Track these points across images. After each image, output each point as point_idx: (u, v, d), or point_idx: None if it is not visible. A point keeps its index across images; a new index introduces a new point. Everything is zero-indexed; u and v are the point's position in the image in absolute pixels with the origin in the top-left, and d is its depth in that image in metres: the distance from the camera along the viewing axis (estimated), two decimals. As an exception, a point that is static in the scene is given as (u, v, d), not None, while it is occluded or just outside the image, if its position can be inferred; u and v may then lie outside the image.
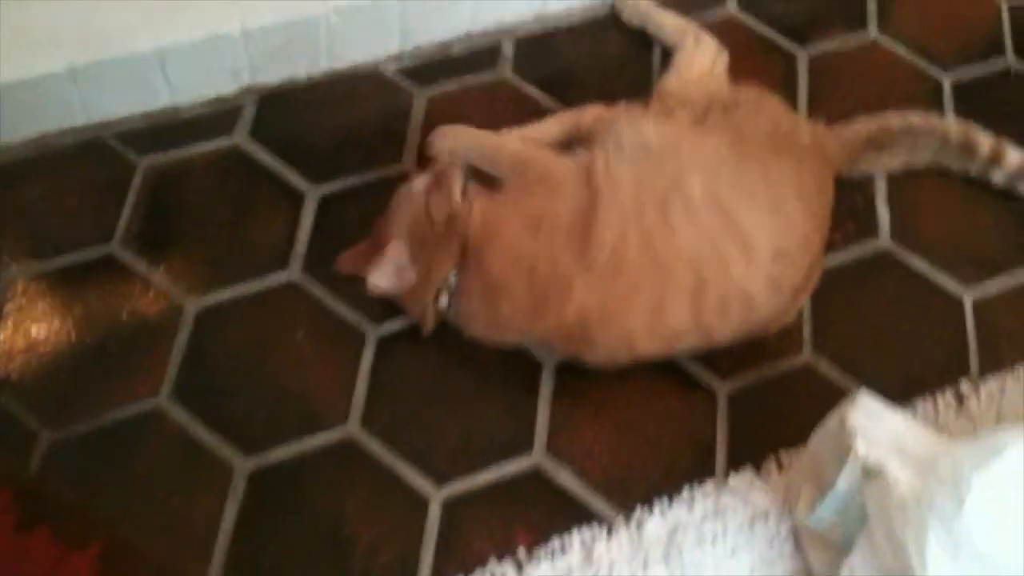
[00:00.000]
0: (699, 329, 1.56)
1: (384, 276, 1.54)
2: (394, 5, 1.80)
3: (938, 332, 1.77)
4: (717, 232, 1.52)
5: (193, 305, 1.64)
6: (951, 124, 1.87)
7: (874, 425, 1.29)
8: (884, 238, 1.85)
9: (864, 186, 1.89)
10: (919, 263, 1.83)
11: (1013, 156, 1.87)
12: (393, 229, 1.56)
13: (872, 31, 2.09)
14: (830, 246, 1.76)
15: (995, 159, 1.86)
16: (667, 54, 1.95)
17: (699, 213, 1.52)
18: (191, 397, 1.57)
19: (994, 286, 1.83)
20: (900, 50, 2.07)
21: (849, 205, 1.86)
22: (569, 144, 1.74)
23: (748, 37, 2.05)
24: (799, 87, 2.00)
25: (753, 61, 2.01)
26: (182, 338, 1.61)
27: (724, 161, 1.57)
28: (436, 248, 1.54)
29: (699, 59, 1.87)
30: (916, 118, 1.86)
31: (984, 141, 1.86)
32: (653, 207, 1.52)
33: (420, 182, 1.60)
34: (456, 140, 1.74)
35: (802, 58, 2.04)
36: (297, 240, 1.72)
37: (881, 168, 1.89)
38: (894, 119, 1.86)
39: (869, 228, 1.85)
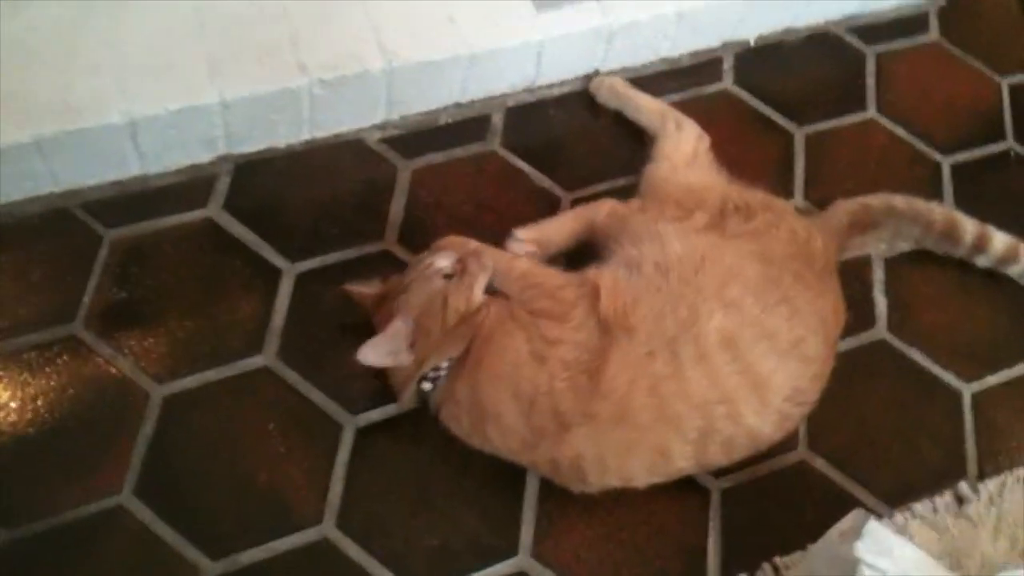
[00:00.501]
0: (699, 466, 1.51)
1: (378, 354, 1.45)
2: (380, 76, 1.72)
3: (936, 428, 1.71)
4: (731, 378, 1.44)
5: (160, 392, 1.55)
6: (935, 210, 1.82)
7: (882, 558, 1.21)
8: (881, 329, 1.79)
9: (862, 274, 1.83)
10: (917, 356, 1.78)
11: (998, 242, 1.82)
12: (402, 305, 1.48)
13: (871, 110, 2.04)
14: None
15: (980, 246, 1.82)
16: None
17: (714, 358, 1.44)
18: (155, 494, 1.47)
19: (993, 380, 1.78)
20: (899, 131, 2.03)
21: (847, 294, 1.79)
22: (584, 241, 1.69)
23: (744, 113, 2.00)
24: (796, 166, 1.94)
25: (749, 138, 1.96)
26: (147, 428, 1.52)
27: (748, 289, 1.50)
28: (440, 340, 1.47)
29: (683, 145, 1.81)
30: (899, 201, 1.81)
31: (969, 228, 1.81)
32: (666, 351, 1.45)
33: (444, 260, 1.52)
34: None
35: (799, 137, 1.98)
36: (272, 321, 1.63)
37: (866, 250, 1.84)
38: (875, 201, 1.81)
39: (866, 318, 1.80)
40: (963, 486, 1.65)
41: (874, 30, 2.15)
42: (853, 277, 1.82)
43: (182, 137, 1.66)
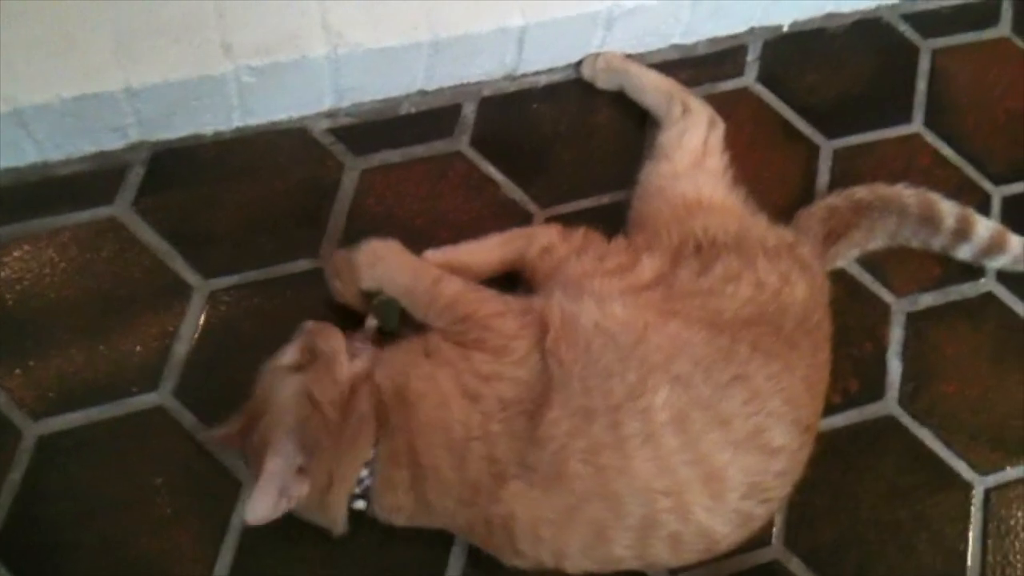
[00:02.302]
0: (642, 561, 1.27)
1: (268, 503, 1.18)
2: (322, 63, 1.44)
3: (940, 527, 1.48)
4: (679, 464, 1.20)
5: (34, 431, 1.35)
6: (904, 193, 1.55)
7: None
8: (891, 401, 1.54)
9: (876, 332, 1.57)
10: (928, 437, 1.52)
11: (982, 227, 1.56)
12: (267, 430, 1.22)
13: (917, 123, 1.73)
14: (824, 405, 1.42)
15: (962, 231, 1.56)
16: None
17: (660, 438, 1.20)
18: (17, 556, 1.29)
19: (1014, 473, 1.53)
20: (947, 150, 1.72)
21: (855, 356, 1.54)
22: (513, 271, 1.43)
23: (764, 118, 1.70)
24: (817, 186, 1.65)
25: (766, 149, 1.67)
26: (15, 474, 1.33)
27: (697, 364, 1.24)
28: (337, 444, 1.23)
29: (689, 138, 1.52)
30: (863, 192, 1.55)
31: (948, 210, 1.55)
32: (605, 418, 1.21)
33: (285, 356, 1.28)
34: (383, 268, 1.38)
35: (826, 151, 1.68)
36: (174, 351, 1.41)
37: (838, 263, 1.57)
38: (838, 201, 1.55)
39: (875, 387, 1.54)
40: (960, 604, 1.42)
41: (934, 19, 1.82)
42: (865, 335, 1.56)
43: (84, 125, 1.41)
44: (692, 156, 1.51)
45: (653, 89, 1.61)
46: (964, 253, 1.59)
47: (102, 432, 1.36)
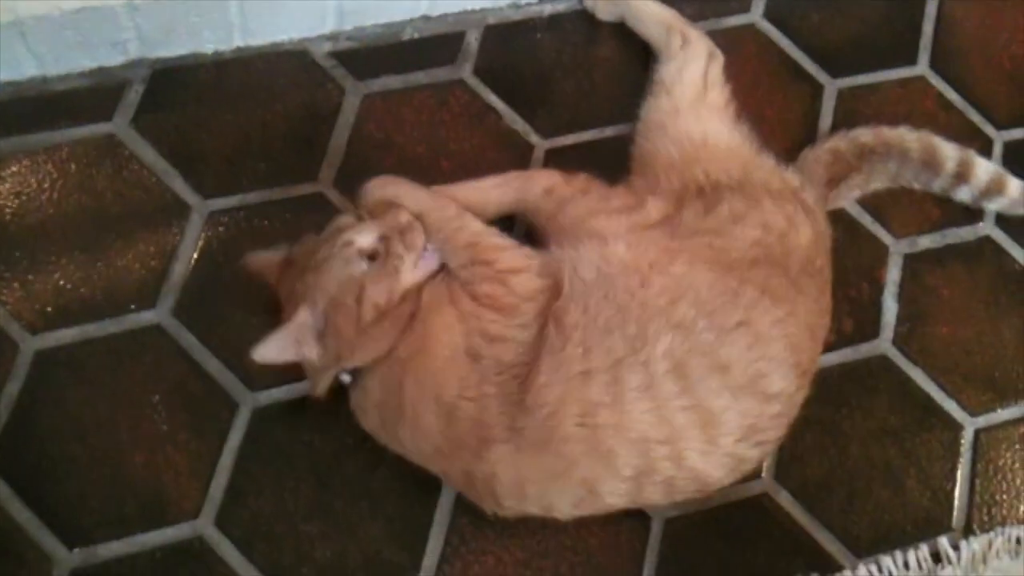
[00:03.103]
0: (634, 503, 1.28)
1: (279, 349, 1.22)
2: (326, -18, 1.42)
3: (928, 466, 1.50)
4: (676, 411, 1.20)
5: (32, 345, 1.35)
6: (906, 137, 1.56)
7: None
8: (885, 341, 1.54)
9: (873, 273, 1.57)
10: (921, 377, 1.53)
11: (982, 170, 1.57)
12: (309, 289, 1.23)
13: (922, 65, 1.72)
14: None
15: (962, 174, 1.57)
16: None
17: (659, 388, 1.20)
18: (13, 467, 1.30)
19: (1004, 414, 1.55)
20: (951, 94, 1.71)
21: (851, 297, 1.54)
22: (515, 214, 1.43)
23: (770, 55, 1.68)
24: (820, 126, 1.64)
25: (771, 87, 1.66)
26: (12, 387, 1.33)
27: (700, 308, 1.23)
28: (354, 340, 1.24)
29: (688, 71, 1.50)
30: (867, 136, 1.55)
31: (950, 153, 1.56)
32: (607, 375, 1.20)
33: (366, 237, 1.26)
34: (401, 198, 1.35)
35: (830, 90, 1.67)
36: (172, 270, 1.40)
37: (839, 203, 1.57)
38: (842, 144, 1.55)
39: (870, 327, 1.54)
40: (944, 542, 1.45)
41: (944, -38, 1.80)
42: (862, 276, 1.56)
43: (83, 39, 1.40)
44: (693, 90, 1.49)
45: (653, 20, 1.59)
46: (963, 195, 1.59)
47: (99, 348, 1.35)
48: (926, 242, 1.60)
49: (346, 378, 1.29)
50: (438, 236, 1.31)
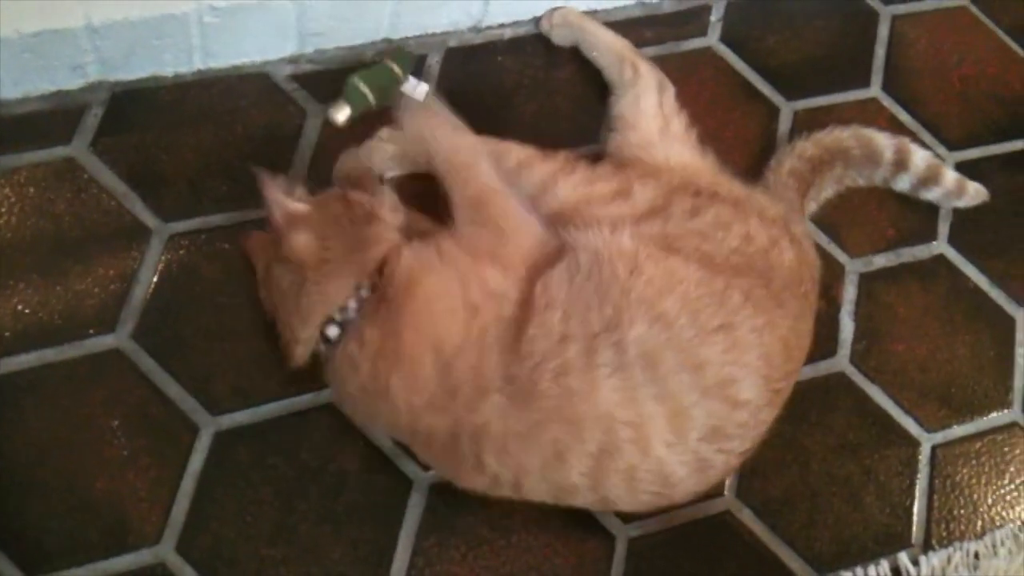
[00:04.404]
0: (596, 493, 1.28)
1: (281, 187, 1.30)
2: (288, 6, 1.43)
3: (887, 482, 1.52)
4: (646, 398, 1.22)
5: (-14, 371, 1.33)
6: (843, 136, 1.61)
7: None
8: (842, 359, 1.57)
9: (830, 291, 1.59)
10: (878, 394, 1.56)
11: (918, 158, 1.62)
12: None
13: (875, 88, 1.75)
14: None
15: (900, 162, 1.62)
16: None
17: (628, 371, 1.22)
18: (-31, 495, 1.27)
19: (960, 431, 1.57)
20: (903, 115, 1.75)
21: (809, 314, 1.56)
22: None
23: (727, 78, 1.71)
24: (777, 146, 1.66)
25: (728, 109, 1.68)
26: (-32, 414, 1.30)
27: (685, 305, 1.25)
28: (347, 241, 1.28)
29: (643, 103, 1.53)
30: (808, 148, 1.60)
31: (885, 143, 1.61)
32: (580, 344, 1.22)
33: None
34: (421, 126, 1.40)
35: (786, 112, 1.70)
36: (133, 293, 1.39)
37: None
38: (793, 162, 1.58)
39: (828, 345, 1.56)
40: (903, 557, 1.47)
41: (896, -15, 1.84)
42: (820, 294, 1.56)
43: (43, 62, 1.39)
44: (656, 123, 1.51)
45: (606, 48, 1.61)
46: (903, 184, 1.64)
47: (58, 373, 1.34)
48: (881, 260, 1.63)
49: (333, 332, 1.28)
50: (449, 177, 1.35)
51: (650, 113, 1.52)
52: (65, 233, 1.40)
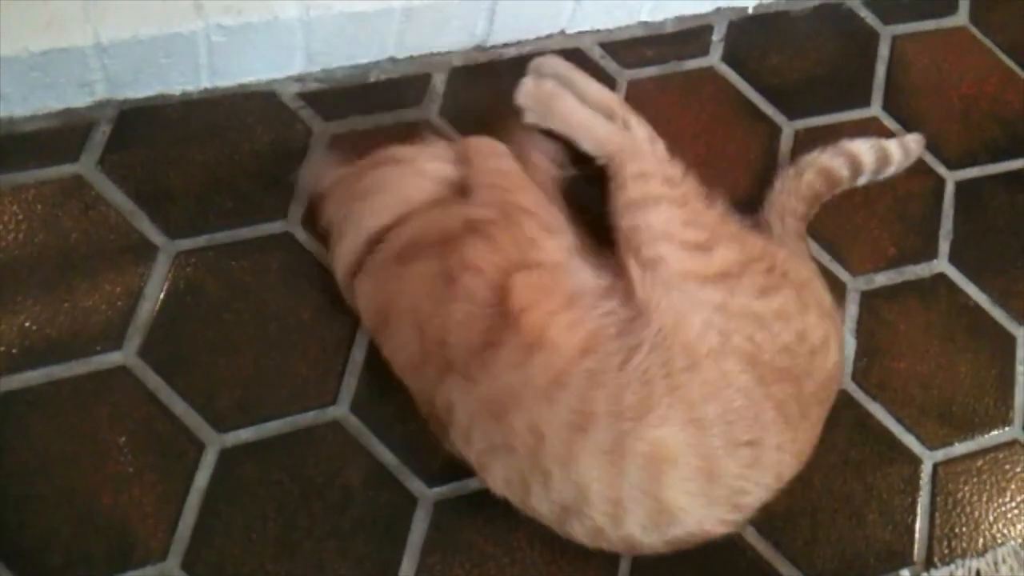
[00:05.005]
0: (560, 528, 1.26)
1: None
2: (295, 25, 1.44)
3: (889, 500, 1.52)
4: (633, 489, 1.19)
5: (-5, 387, 1.33)
6: (835, 164, 1.60)
7: None
8: (845, 377, 1.57)
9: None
10: (880, 412, 1.56)
11: (894, 148, 1.65)
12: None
13: (875, 107, 1.76)
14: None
15: (883, 160, 1.64)
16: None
17: (626, 463, 1.18)
18: (-24, 510, 1.27)
19: (961, 448, 1.58)
20: (903, 134, 1.74)
21: (811, 333, 1.56)
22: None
23: (728, 97, 1.72)
24: (779, 165, 1.67)
25: (729, 128, 1.69)
26: (-25, 429, 1.31)
27: (725, 416, 1.20)
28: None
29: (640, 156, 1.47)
30: (809, 176, 1.58)
31: (865, 149, 1.62)
32: (571, 417, 1.19)
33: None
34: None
35: (788, 132, 1.71)
36: (139, 310, 1.40)
37: None
38: (800, 205, 1.56)
39: (830, 362, 1.56)
40: (905, 575, 1.47)
41: (894, 5, 1.85)
42: (822, 312, 1.58)
43: (51, 80, 1.39)
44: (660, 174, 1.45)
45: (594, 100, 1.55)
46: (863, 180, 1.65)
47: (64, 389, 1.34)
48: (882, 279, 1.64)
49: None
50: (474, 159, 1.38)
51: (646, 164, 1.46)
52: (72, 250, 1.40)
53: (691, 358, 1.20)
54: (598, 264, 1.31)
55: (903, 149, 1.66)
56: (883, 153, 1.63)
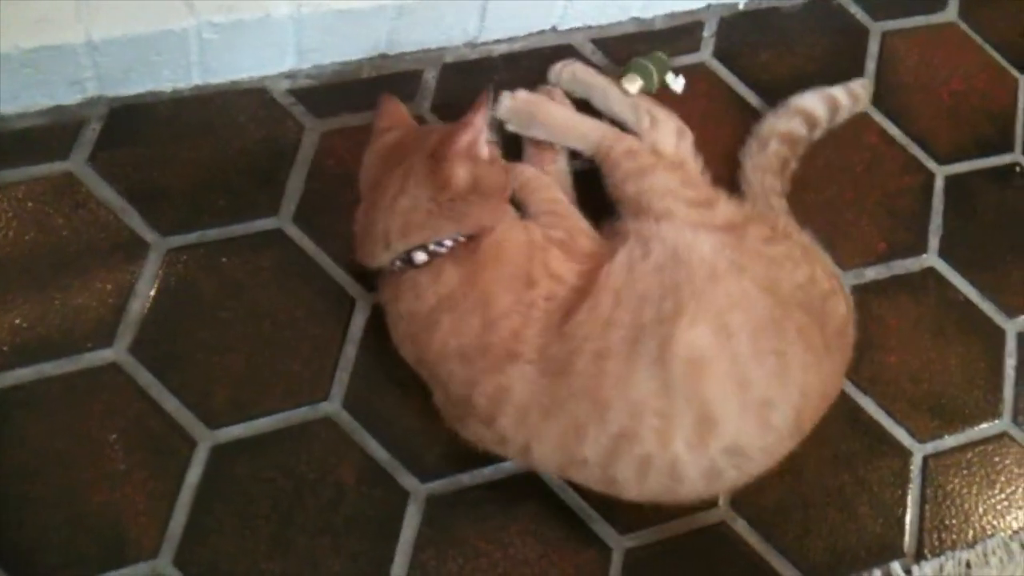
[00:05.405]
0: (604, 472, 1.29)
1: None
2: (286, 22, 1.44)
3: (880, 492, 1.53)
4: (678, 396, 1.25)
5: (-14, 384, 1.33)
6: (793, 124, 1.64)
7: None
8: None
9: (823, 304, 1.59)
10: (870, 405, 1.57)
11: (842, 95, 1.69)
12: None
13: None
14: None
15: (834, 109, 1.68)
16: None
17: (670, 368, 1.24)
18: (-32, 508, 1.27)
19: (951, 441, 1.59)
20: (893, 130, 1.76)
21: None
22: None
23: (719, 92, 1.73)
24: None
25: (720, 123, 1.70)
26: (-35, 428, 1.31)
27: (749, 324, 1.29)
28: (479, 200, 1.35)
29: (662, 147, 1.54)
30: (775, 148, 1.62)
31: (817, 103, 1.66)
32: (625, 332, 1.27)
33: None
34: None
35: (777, 126, 1.71)
36: (131, 307, 1.40)
37: None
38: (776, 181, 1.60)
39: (820, 357, 1.57)
40: (896, 567, 1.48)
41: (884, 1, 1.86)
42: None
43: (42, 77, 1.39)
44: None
45: (619, 100, 1.59)
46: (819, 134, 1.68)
47: (56, 387, 1.34)
48: (872, 273, 1.64)
49: (421, 258, 1.32)
50: (524, 186, 1.46)
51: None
52: (63, 247, 1.40)
53: (711, 270, 1.31)
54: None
55: (850, 94, 1.69)
56: (832, 102, 1.67)
